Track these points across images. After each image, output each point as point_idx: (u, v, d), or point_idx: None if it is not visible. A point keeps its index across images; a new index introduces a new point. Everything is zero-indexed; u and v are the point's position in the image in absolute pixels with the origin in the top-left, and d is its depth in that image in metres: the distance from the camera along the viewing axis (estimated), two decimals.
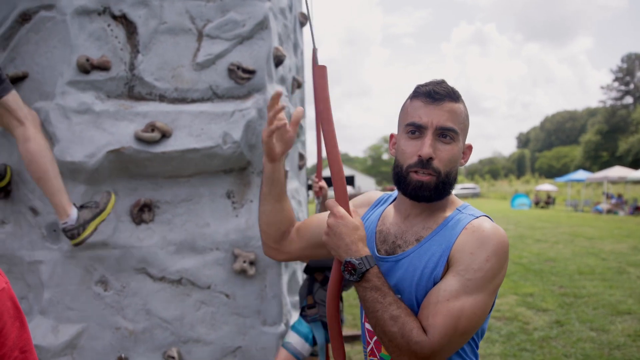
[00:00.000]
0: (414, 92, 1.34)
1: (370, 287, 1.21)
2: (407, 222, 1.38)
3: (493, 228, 1.24)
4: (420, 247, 1.30)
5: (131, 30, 2.51)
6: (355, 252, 1.23)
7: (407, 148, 1.31)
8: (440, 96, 1.28)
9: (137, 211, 2.52)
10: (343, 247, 1.25)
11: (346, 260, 1.23)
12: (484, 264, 1.19)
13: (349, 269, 1.23)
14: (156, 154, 2.43)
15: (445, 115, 1.28)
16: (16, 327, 1.08)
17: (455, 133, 1.29)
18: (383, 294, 1.20)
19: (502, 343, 5.13)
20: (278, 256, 1.59)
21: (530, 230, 16.11)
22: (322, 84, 1.36)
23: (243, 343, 2.61)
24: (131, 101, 2.50)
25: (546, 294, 7.19)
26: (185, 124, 2.48)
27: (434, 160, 1.27)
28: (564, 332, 5.44)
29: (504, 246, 1.22)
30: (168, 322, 2.55)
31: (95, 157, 2.38)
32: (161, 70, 2.52)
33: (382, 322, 1.18)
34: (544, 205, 31.12)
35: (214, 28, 2.53)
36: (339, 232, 1.27)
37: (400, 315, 1.17)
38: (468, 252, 1.21)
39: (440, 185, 1.29)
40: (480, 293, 1.19)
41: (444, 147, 1.28)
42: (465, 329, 1.17)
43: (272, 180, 1.46)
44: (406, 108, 1.36)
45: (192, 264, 2.56)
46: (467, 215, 1.31)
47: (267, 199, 1.49)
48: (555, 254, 10.78)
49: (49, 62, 2.48)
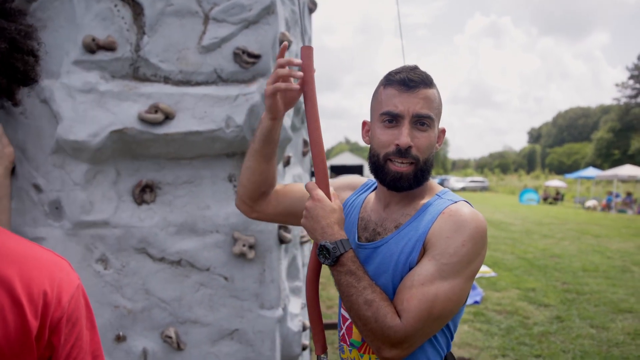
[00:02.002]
0: (387, 79, 1.33)
1: (345, 271, 1.21)
2: (387, 210, 1.39)
3: (471, 213, 1.24)
4: (397, 234, 1.31)
5: (137, 12, 2.51)
6: (330, 235, 1.24)
7: (384, 137, 1.30)
8: (415, 83, 1.28)
9: (139, 191, 2.54)
10: (319, 230, 1.26)
11: (321, 244, 1.24)
12: (459, 249, 1.19)
13: (323, 253, 1.23)
14: (159, 135, 2.44)
15: (421, 102, 1.27)
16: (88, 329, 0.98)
17: (431, 119, 1.29)
18: (357, 278, 1.20)
19: (501, 336, 5.15)
20: (249, 213, 1.58)
21: (537, 225, 16.06)
22: (308, 65, 1.35)
23: (240, 326, 2.63)
24: (136, 82, 2.51)
25: (548, 289, 7.19)
26: (189, 107, 2.48)
27: (412, 149, 1.27)
28: (563, 328, 5.45)
29: (480, 231, 1.22)
30: (166, 302, 2.58)
31: (98, 136, 2.39)
32: (166, 52, 2.52)
33: (357, 307, 1.18)
34: (553, 201, 30.94)
35: (220, 11, 2.53)
36: (315, 214, 1.27)
37: (374, 299, 1.17)
38: (444, 236, 1.21)
39: (419, 173, 1.30)
40: (456, 278, 1.19)
41: (421, 135, 1.28)
42: (440, 313, 1.17)
43: (268, 139, 1.41)
44: (379, 96, 1.34)
45: (192, 245, 2.59)
46: (446, 200, 1.31)
47: (256, 157, 1.45)
48: (560, 251, 10.75)
49: (55, 41, 2.50)
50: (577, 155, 72.64)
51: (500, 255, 9.96)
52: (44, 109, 2.44)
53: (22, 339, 0.83)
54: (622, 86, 63.68)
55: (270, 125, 1.39)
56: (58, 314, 0.88)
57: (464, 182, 52.52)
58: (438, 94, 1.34)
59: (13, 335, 0.81)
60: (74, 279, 0.94)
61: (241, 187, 1.53)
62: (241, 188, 1.53)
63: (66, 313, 0.89)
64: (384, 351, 1.18)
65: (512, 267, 8.74)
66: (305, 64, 1.35)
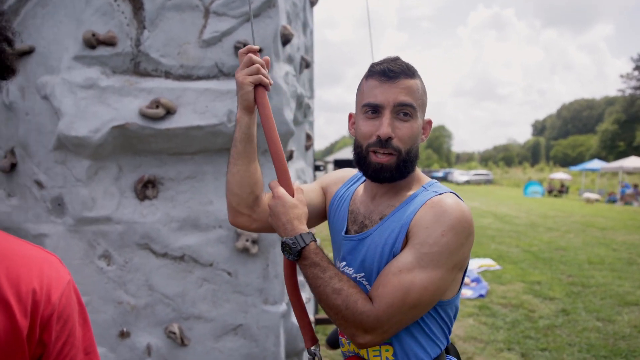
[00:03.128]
0: (369, 71, 1.33)
1: (309, 264, 1.22)
2: (374, 202, 1.38)
3: (453, 203, 1.23)
4: (382, 225, 1.30)
5: (137, 6, 2.49)
6: (290, 230, 1.25)
7: (365, 128, 1.29)
8: (395, 74, 1.27)
9: (141, 187, 2.53)
10: (281, 227, 1.27)
11: (282, 241, 1.25)
12: (439, 239, 1.18)
13: (285, 249, 1.25)
14: (160, 130, 2.43)
15: (402, 92, 1.26)
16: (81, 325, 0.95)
17: (413, 108, 1.28)
18: (322, 269, 1.21)
19: (506, 330, 5.13)
20: (250, 224, 1.44)
21: (542, 218, 16.00)
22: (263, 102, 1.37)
23: (244, 321, 2.63)
24: (136, 77, 2.50)
25: (554, 282, 7.16)
26: (190, 101, 2.47)
27: (393, 139, 1.26)
28: (569, 321, 5.43)
29: (462, 222, 1.20)
30: (170, 298, 2.58)
31: (99, 132, 2.38)
32: (167, 47, 2.50)
33: (326, 297, 1.19)
34: (557, 194, 30.83)
35: (220, 5, 2.51)
36: (276, 212, 1.28)
37: (342, 287, 1.18)
38: (424, 226, 1.20)
39: (402, 164, 1.28)
40: (436, 268, 1.17)
41: (403, 125, 1.27)
42: (415, 302, 1.16)
43: (249, 137, 1.36)
44: (362, 87, 1.34)
45: (195, 241, 2.58)
46: (431, 192, 1.30)
47: (241, 159, 1.37)
48: (565, 243, 10.71)
49: (55, 36, 2.48)
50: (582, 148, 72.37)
51: (505, 249, 9.93)
52: (45, 105, 2.43)
53: (13, 340, 0.81)
54: (627, 77, 63.32)
55: (248, 121, 1.36)
56: (48, 312, 0.86)
57: (468, 175, 52.39)
58: (422, 84, 1.33)
59: (3, 336, 0.80)
60: (64, 275, 0.91)
61: (234, 197, 1.39)
62: (234, 198, 1.39)
63: (57, 310, 0.87)
64: (358, 337, 1.18)
65: (517, 260, 8.71)
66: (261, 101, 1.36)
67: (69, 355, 0.91)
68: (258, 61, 1.33)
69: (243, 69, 1.33)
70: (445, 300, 1.28)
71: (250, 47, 1.34)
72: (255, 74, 1.32)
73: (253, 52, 1.34)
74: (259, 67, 1.32)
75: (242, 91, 1.32)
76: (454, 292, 1.30)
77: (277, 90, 2.50)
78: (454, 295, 1.31)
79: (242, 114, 1.35)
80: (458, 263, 1.22)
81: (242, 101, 1.34)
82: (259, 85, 1.34)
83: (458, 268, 1.24)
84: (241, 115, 1.35)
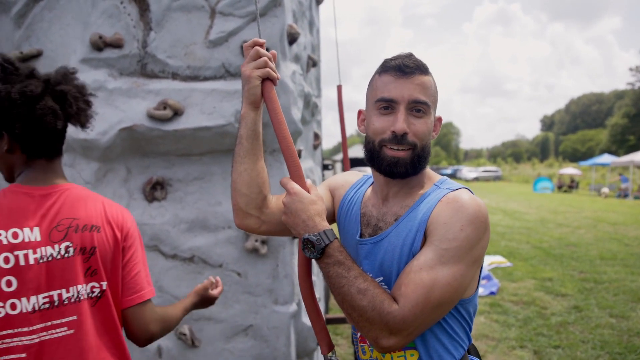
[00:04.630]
0: (382, 66, 1.31)
1: (333, 262, 1.16)
2: (386, 203, 1.37)
3: (469, 199, 1.21)
4: (397, 226, 1.28)
5: (144, 8, 2.49)
6: (312, 227, 1.19)
7: (379, 123, 1.28)
8: (411, 69, 1.26)
9: (150, 189, 2.53)
10: (300, 224, 1.21)
11: (304, 238, 1.19)
12: (458, 234, 1.16)
13: (308, 247, 1.18)
14: (168, 131, 2.43)
15: (417, 88, 1.25)
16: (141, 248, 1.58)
17: (427, 106, 1.27)
18: (347, 267, 1.16)
19: (518, 327, 5.10)
20: (258, 226, 1.38)
21: (552, 214, 15.90)
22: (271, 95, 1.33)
23: (255, 322, 2.62)
24: (144, 79, 2.50)
25: (566, 278, 7.10)
26: (197, 102, 2.46)
27: (408, 135, 1.24)
28: (582, 318, 5.38)
29: (479, 216, 1.19)
30: (180, 299, 2.57)
31: (107, 134, 2.38)
32: (174, 48, 2.50)
33: (350, 297, 1.14)
34: (567, 189, 30.61)
35: (226, 5, 2.50)
36: (294, 209, 1.22)
37: (368, 287, 1.14)
38: (442, 222, 1.19)
39: (416, 159, 1.27)
40: (457, 263, 1.16)
41: (417, 121, 1.26)
42: (439, 300, 1.14)
43: (255, 133, 1.33)
44: (375, 83, 1.32)
45: (204, 242, 2.57)
46: (445, 189, 1.28)
47: (248, 157, 1.33)
48: (576, 239, 10.63)
49: (63, 39, 2.49)
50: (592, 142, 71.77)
51: (516, 245, 9.86)
52: None
53: (115, 245, 1.48)
54: (636, 70, 62.70)
55: (255, 117, 1.32)
56: (125, 231, 1.52)
57: (477, 172, 52.18)
58: (434, 81, 1.32)
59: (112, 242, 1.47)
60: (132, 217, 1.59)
61: (242, 198, 1.34)
62: (242, 199, 1.34)
63: (130, 231, 1.54)
64: (382, 340, 1.14)
65: (527, 257, 8.65)
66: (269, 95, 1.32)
67: (134, 262, 1.53)
68: (265, 54, 1.29)
69: (250, 62, 1.29)
70: (466, 299, 1.27)
71: (256, 40, 1.31)
72: (263, 67, 1.28)
73: (259, 46, 1.31)
74: (267, 60, 1.29)
75: (248, 85, 1.28)
76: (473, 289, 1.29)
77: (284, 90, 2.49)
78: (473, 293, 1.29)
79: (248, 109, 1.31)
80: (477, 258, 1.21)
81: (248, 96, 1.29)
82: (267, 80, 1.30)
83: (477, 264, 1.23)
84: (247, 111, 1.31)
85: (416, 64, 1.27)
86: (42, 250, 1.34)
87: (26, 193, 1.39)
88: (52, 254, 1.35)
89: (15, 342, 1.29)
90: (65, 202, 1.43)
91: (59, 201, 1.42)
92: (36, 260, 1.33)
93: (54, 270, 1.35)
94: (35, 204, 1.38)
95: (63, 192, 1.45)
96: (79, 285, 1.39)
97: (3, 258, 1.29)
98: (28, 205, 1.37)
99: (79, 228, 1.41)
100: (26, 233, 1.33)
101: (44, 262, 1.34)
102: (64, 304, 1.36)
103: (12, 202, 1.37)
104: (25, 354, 1.30)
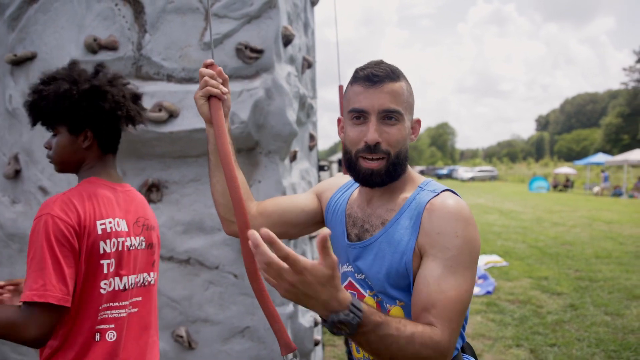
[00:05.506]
0: (353, 76, 1.32)
1: (371, 329, 1.01)
2: (371, 205, 1.37)
3: (453, 202, 1.23)
4: (386, 232, 1.29)
5: (138, 10, 2.49)
6: (338, 305, 0.97)
7: (353, 134, 1.29)
8: (379, 78, 1.25)
9: (146, 191, 2.53)
10: (319, 306, 0.97)
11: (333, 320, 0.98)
12: (455, 240, 1.18)
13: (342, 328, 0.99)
14: (164, 133, 2.43)
15: (387, 97, 1.25)
16: None
17: (399, 114, 1.26)
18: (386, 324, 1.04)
19: (514, 326, 5.11)
20: None
21: (548, 213, 15.95)
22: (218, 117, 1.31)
23: (251, 323, 2.62)
24: (139, 81, 2.49)
25: (561, 277, 7.13)
26: (193, 104, 2.46)
27: (381, 144, 1.25)
28: (577, 316, 5.40)
29: (468, 217, 1.21)
30: (177, 301, 2.58)
31: None
32: (169, 50, 2.50)
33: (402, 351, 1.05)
34: (562, 188, 30.73)
35: (221, 7, 2.50)
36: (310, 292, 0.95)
37: (413, 332, 1.06)
38: (435, 232, 1.20)
39: (391, 167, 1.27)
40: (466, 268, 1.18)
41: (390, 129, 1.26)
42: (464, 307, 1.17)
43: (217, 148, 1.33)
44: (348, 93, 1.33)
45: (201, 244, 2.57)
46: (428, 192, 1.29)
47: (217, 170, 1.41)
48: (572, 238, 10.67)
49: (57, 42, 2.48)
50: (586, 142, 72.09)
51: (512, 245, 9.89)
52: None
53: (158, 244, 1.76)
54: (630, 70, 63.05)
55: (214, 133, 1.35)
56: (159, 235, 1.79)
57: (473, 172, 52.28)
58: (407, 86, 1.31)
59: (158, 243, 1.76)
60: None
61: (220, 207, 1.45)
62: (220, 208, 1.44)
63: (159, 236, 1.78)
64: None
65: (523, 256, 8.68)
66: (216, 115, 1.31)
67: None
68: (207, 73, 1.31)
69: None
70: None
71: (204, 62, 1.34)
72: (204, 87, 1.31)
73: (205, 66, 1.33)
74: (207, 79, 1.30)
75: (197, 106, 1.33)
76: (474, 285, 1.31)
77: (279, 91, 2.50)
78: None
79: (208, 127, 1.37)
80: (476, 256, 1.23)
81: (201, 115, 1.35)
82: (213, 97, 1.32)
83: (477, 261, 1.25)
84: (208, 129, 1.38)
85: (385, 72, 1.26)
86: (130, 239, 1.57)
87: (110, 187, 1.59)
88: (135, 244, 1.59)
89: (109, 314, 1.51)
90: (135, 200, 1.66)
91: (134, 199, 1.66)
92: (127, 247, 1.55)
93: (138, 257, 1.61)
94: (118, 198, 1.58)
95: (133, 192, 1.68)
96: (149, 273, 1.67)
97: (112, 243, 1.50)
98: (115, 199, 1.57)
99: (149, 227, 1.68)
100: (121, 223, 1.55)
101: (132, 250, 1.57)
102: (144, 285, 1.65)
103: (105, 193, 1.55)
104: (114, 325, 1.52)
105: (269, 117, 2.51)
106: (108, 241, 1.48)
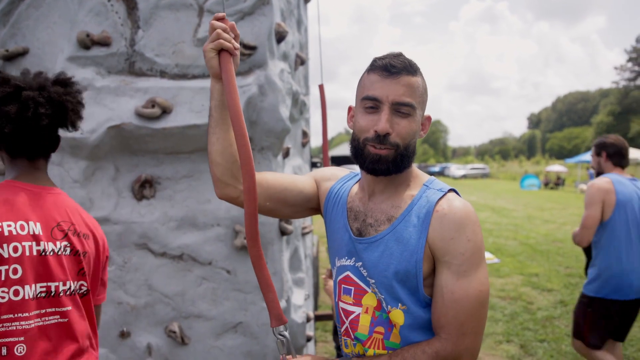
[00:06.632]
0: (371, 65, 1.31)
1: None
2: (373, 199, 1.38)
3: (462, 206, 1.25)
4: (394, 230, 1.29)
5: (131, 6, 2.49)
6: None
7: (364, 122, 1.29)
8: (397, 70, 1.26)
9: (139, 187, 2.53)
10: None
11: None
12: (467, 245, 1.21)
13: None
14: (157, 129, 2.43)
15: (402, 89, 1.25)
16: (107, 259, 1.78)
17: (412, 107, 1.27)
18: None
19: (505, 322, 5.16)
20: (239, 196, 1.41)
21: (539, 211, 16.06)
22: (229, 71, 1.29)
23: (244, 319, 2.63)
24: (132, 77, 2.50)
25: (552, 274, 7.19)
26: (186, 100, 2.47)
27: (391, 135, 1.25)
28: (567, 312, 5.45)
29: (475, 220, 1.25)
30: (169, 297, 2.58)
31: (96, 132, 2.38)
32: (162, 46, 2.50)
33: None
34: (554, 186, 30.92)
35: (214, 3, 2.50)
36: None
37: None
38: (448, 238, 1.22)
39: (399, 157, 1.28)
40: (475, 269, 1.22)
41: (401, 122, 1.26)
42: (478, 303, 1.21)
43: (222, 104, 1.34)
44: (363, 81, 1.33)
45: (193, 239, 2.58)
46: (435, 191, 1.30)
47: (219, 126, 1.35)
48: (562, 235, 10.76)
49: (50, 37, 2.48)
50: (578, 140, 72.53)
51: (503, 242, 9.96)
52: None
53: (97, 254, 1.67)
54: (621, 69, 63.45)
55: (220, 88, 1.33)
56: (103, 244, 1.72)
57: (465, 170, 52.47)
58: (423, 82, 1.32)
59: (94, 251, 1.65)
60: None
61: (217, 167, 1.37)
62: (217, 168, 1.37)
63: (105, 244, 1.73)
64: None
65: (514, 253, 8.74)
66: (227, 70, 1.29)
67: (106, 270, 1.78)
68: (219, 26, 1.28)
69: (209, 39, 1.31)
70: None
71: (215, 15, 1.31)
72: (215, 40, 1.28)
73: (217, 20, 1.30)
74: (220, 32, 1.27)
75: (206, 59, 1.30)
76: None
77: (272, 88, 2.51)
78: None
79: (214, 82, 1.34)
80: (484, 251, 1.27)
81: (209, 69, 1.31)
82: (223, 51, 1.29)
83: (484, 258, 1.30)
84: (213, 84, 1.34)
85: (404, 64, 1.26)
86: (44, 244, 1.47)
87: (29, 190, 1.53)
88: (53, 249, 1.50)
89: (15, 326, 1.40)
90: (63, 205, 1.59)
91: (61, 204, 1.58)
92: (38, 252, 1.45)
93: (52, 264, 1.49)
94: (38, 201, 1.52)
95: (62, 196, 1.62)
96: (71, 281, 1.55)
97: (12, 247, 1.40)
98: (28, 201, 1.50)
99: (76, 232, 1.58)
100: (31, 226, 1.46)
101: (44, 256, 1.47)
102: (59, 295, 1.51)
103: (15, 195, 1.49)
104: (24, 338, 1.41)
105: (262, 114, 2.52)
106: (5, 245, 1.39)
